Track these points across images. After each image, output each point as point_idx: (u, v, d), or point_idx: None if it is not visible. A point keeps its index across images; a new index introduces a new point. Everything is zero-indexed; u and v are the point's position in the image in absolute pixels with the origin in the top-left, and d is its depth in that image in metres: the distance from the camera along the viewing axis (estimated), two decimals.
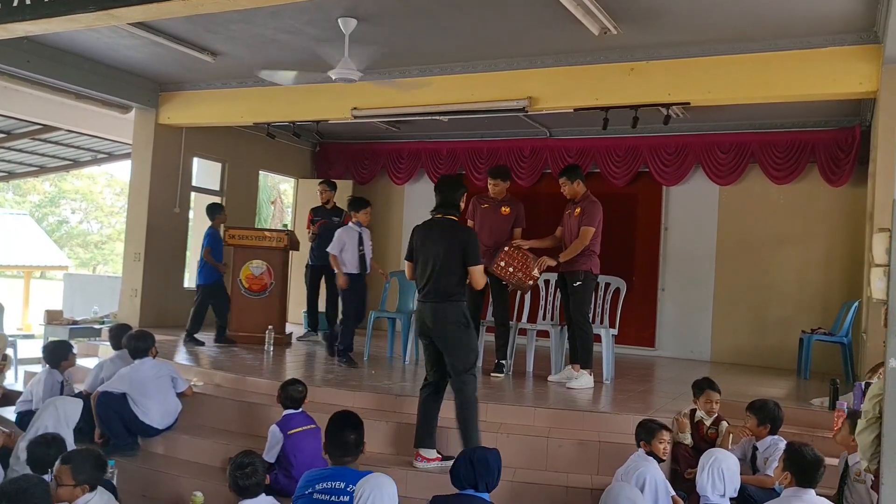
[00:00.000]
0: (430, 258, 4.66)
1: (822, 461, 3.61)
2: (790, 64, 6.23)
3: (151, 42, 7.22)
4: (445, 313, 4.62)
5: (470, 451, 3.71)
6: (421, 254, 4.73)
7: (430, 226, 4.79)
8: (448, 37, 6.72)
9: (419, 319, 4.79)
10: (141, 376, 5.50)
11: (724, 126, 8.92)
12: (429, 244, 4.70)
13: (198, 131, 9.57)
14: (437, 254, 4.63)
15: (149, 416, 5.41)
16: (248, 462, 3.81)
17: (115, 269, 23.16)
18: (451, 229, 4.72)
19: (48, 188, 30.05)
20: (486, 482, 3.53)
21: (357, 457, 3.82)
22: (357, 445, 3.80)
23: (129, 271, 9.29)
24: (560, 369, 6.54)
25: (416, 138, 10.68)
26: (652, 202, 9.55)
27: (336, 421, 3.87)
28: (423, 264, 4.70)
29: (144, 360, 5.62)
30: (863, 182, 8.10)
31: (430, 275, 4.64)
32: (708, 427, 5.08)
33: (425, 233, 4.77)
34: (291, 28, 6.58)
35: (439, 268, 4.62)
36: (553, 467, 4.76)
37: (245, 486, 3.79)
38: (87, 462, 3.66)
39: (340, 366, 6.88)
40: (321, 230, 8.23)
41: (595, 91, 6.95)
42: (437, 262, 4.62)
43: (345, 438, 3.78)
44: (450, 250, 4.62)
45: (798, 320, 8.41)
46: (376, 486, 3.33)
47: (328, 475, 3.71)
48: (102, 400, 5.40)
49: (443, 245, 4.64)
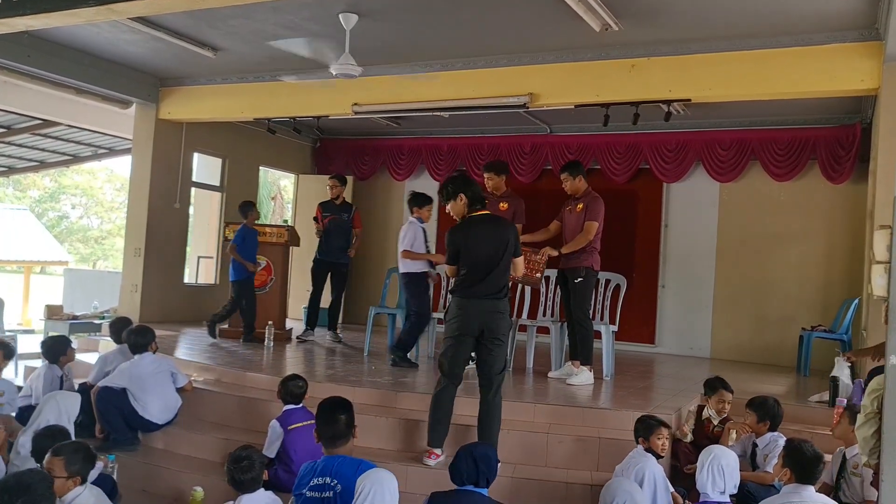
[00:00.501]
0: (482, 256, 4.60)
1: (822, 458, 3.62)
2: (791, 61, 6.22)
3: (152, 37, 7.21)
4: (504, 308, 4.63)
5: (470, 447, 3.71)
6: (472, 252, 4.62)
7: (470, 225, 4.71)
8: (449, 33, 6.71)
9: (468, 317, 4.59)
10: (140, 371, 5.50)
11: (725, 123, 8.91)
12: (479, 242, 4.63)
13: (198, 126, 9.57)
14: (491, 251, 4.60)
15: (148, 411, 5.41)
16: (245, 456, 3.82)
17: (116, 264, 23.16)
18: (496, 225, 4.72)
19: (48, 183, 30.03)
20: (486, 478, 3.55)
21: (349, 440, 3.86)
22: (348, 426, 3.85)
23: (129, 267, 9.28)
24: (560, 366, 6.54)
25: (416, 134, 10.68)
26: (652, 199, 9.55)
27: (325, 407, 3.93)
28: (475, 263, 4.61)
29: (144, 355, 5.62)
30: (863, 179, 8.09)
31: (489, 272, 4.58)
32: (715, 426, 5.09)
33: (467, 233, 4.68)
34: (292, 23, 6.57)
35: (497, 264, 4.58)
36: (553, 463, 4.76)
37: (242, 481, 3.79)
38: (77, 454, 3.66)
39: (400, 367, 6.57)
40: (330, 226, 8.15)
41: (596, 87, 6.94)
42: (496, 258, 4.58)
43: (335, 421, 3.82)
44: (501, 246, 4.60)
45: (798, 317, 8.42)
46: (377, 481, 3.33)
47: (320, 469, 3.74)
48: (102, 395, 5.40)
49: (494, 242, 4.61)
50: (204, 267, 10.56)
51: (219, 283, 10.17)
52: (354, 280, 10.80)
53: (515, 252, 4.69)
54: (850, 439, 4.26)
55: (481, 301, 4.59)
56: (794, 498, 3.50)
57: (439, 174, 10.49)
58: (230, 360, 6.72)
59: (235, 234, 7.93)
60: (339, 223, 8.13)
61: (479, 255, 4.60)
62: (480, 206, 4.73)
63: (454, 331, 4.61)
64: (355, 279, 10.80)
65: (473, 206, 4.72)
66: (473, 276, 4.61)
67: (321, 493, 3.66)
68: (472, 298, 4.60)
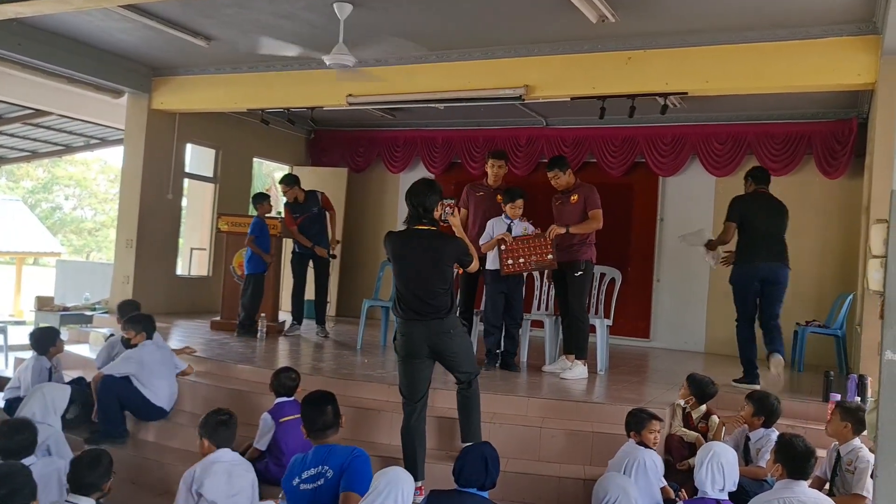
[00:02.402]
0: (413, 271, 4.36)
1: (814, 452, 3.60)
2: (788, 54, 6.18)
3: (144, 26, 7.13)
4: (450, 325, 4.39)
5: (480, 448, 3.65)
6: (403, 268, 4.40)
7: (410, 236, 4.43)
8: (444, 24, 6.65)
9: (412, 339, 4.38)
10: (149, 357, 5.49)
11: (721, 117, 8.88)
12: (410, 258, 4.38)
13: (191, 117, 9.49)
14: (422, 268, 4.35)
15: (158, 396, 5.41)
16: (226, 411, 4.06)
17: (109, 256, 23.06)
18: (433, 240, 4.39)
19: (41, 174, 29.85)
20: (492, 481, 3.53)
21: (337, 430, 3.88)
22: (336, 416, 3.88)
23: (121, 258, 9.21)
24: (554, 359, 6.52)
25: (411, 126, 10.62)
26: (648, 193, 9.52)
27: (311, 400, 3.95)
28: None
29: (149, 340, 5.61)
30: (859, 174, 8.08)
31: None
32: (698, 420, 5.08)
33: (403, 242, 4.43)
34: (286, 13, 6.50)
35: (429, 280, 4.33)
36: (546, 457, 4.74)
37: (219, 433, 3.95)
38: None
39: (513, 371, 6.30)
40: (304, 223, 7.95)
41: (592, 80, 6.89)
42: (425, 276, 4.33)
43: (323, 413, 3.84)
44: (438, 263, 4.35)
45: (792, 313, 8.37)
46: (394, 479, 3.30)
47: (311, 461, 3.75)
48: (104, 384, 5.37)
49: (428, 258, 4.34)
50: (197, 259, 10.50)
51: (212, 274, 10.12)
52: (348, 273, 10.77)
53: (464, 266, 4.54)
54: (844, 436, 4.25)
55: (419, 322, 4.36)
56: (786, 493, 3.47)
57: (434, 167, 10.44)
58: (222, 353, 6.67)
59: (251, 226, 7.80)
60: (312, 217, 8.03)
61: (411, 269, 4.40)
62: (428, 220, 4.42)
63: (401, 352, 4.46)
64: (349, 272, 10.77)
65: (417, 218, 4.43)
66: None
67: (314, 483, 3.67)
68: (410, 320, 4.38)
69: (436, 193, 4.43)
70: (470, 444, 3.91)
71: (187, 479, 3.80)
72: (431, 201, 4.40)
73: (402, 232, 4.48)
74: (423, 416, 4.43)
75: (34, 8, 5.01)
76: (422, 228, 4.40)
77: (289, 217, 7.97)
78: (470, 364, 4.50)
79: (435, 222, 4.44)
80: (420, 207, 4.39)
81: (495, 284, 6.26)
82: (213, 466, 3.82)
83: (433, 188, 4.45)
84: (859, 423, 4.19)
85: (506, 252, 6.05)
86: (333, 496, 3.59)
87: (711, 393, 5.10)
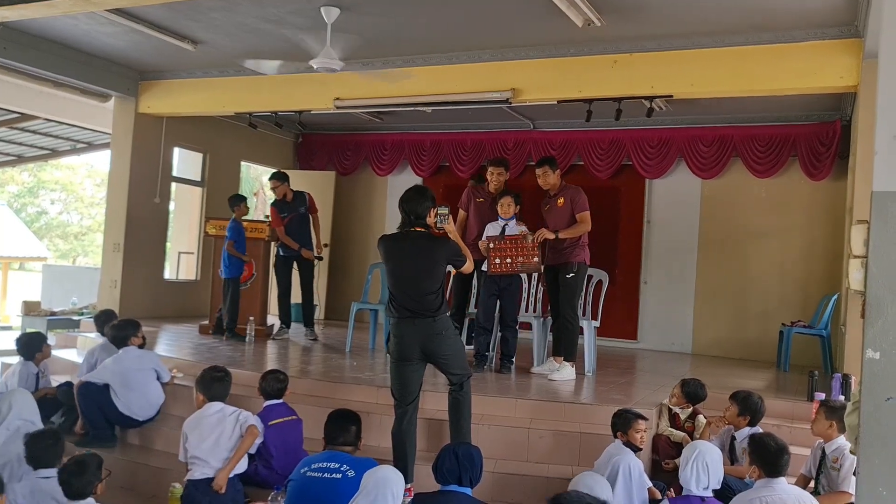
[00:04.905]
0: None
1: (786, 448, 3.64)
2: (772, 57, 6.25)
3: (130, 29, 7.11)
4: (441, 326, 4.41)
5: (454, 445, 3.69)
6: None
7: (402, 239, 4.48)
8: (432, 27, 6.68)
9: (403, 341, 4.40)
10: (122, 367, 5.45)
11: (707, 119, 8.95)
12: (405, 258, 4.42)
13: (178, 121, 9.47)
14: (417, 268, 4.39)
15: (129, 407, 5.36)
16: (222, 367, 4.68)
17: (95, 260, 22.92)
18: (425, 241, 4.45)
19: (27, 178, 29.61)
20: (469, 476, 3.51)
21: (355, 448, 4.02)
22: (357, 437, 4.03)
23: (108, 262, 9.17)
24: (542, 361, 6.54)
25: (399, 130, 10.63)
26: (635, 195, 9.57)
27: (336, 416, 4.11)
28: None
29: (128, 349, 5.57)
30: (843, 176, 8.16)
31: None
32: (684, 420, 5.12)
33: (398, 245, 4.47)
34: (274, 17, 6.51)
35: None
36: (534, 458, 4.77)
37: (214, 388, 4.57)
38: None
39: (503, 373, 6.34)
40: (291, 223, 7.92)
41: (578, 83, 6.94)
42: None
43: (346, 431, 4.01)
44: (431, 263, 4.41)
45: (778, 313, 8.48)
46: (382, 479, 3.31)
47: (324, 458, 3.81)
48: (83, 390, 5.36)
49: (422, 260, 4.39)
50: (185, 263, 10.47)
51: (199, 278, 10.09)
52: (336, 275, 10.77)
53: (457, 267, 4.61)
54: (829, 435, 4.30)
55: (413, 320, 4.38)
56: (766, 492, 3.51)
57: (422, 170, 10.45)
58: (210, 357, 6.65)
59: (228, 229, 7.75)
60: (299, 218, 8.01)
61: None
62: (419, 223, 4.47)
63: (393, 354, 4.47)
64: (337, 275, 10.77)
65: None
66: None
67: (323, 473, 3.76)
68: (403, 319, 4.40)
69: (428, 200, 4.47)
70: (445, 445, 3.93)
71: (184, 429, 4.44)
72: (423, 208, 4.43)
73: (395, 234, 4.53)
74: (414, 419, 4.44)
75: (20, 12, 4.99)
76: (414, 231, 4.44)
77: (276, 217, 7.94)
78: (462, 366, 4.52)
79: (427, 227, 4.47)
80: (412, 214, 4.45)
81: (487, 286, 6.31)
82: (202, 421, 4.41)
83: (425, 195, 4.50)
84: (843, 422, 4.24)
85: (493, 251, 6.09)
86: (345, 495, 3.47)
87: (704, 396, 5.21)
